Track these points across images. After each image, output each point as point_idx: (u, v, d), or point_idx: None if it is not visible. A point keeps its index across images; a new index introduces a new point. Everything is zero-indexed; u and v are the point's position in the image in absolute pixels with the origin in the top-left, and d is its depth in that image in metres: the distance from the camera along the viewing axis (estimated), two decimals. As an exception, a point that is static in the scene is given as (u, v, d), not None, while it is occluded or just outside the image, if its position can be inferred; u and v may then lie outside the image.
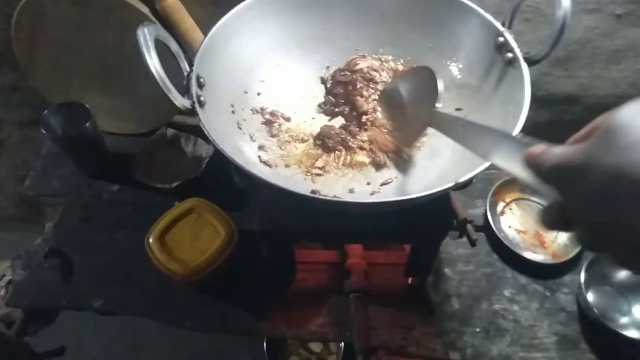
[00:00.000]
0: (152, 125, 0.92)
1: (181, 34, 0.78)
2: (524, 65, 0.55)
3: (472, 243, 0.81)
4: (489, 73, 0.61)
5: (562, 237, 0.83)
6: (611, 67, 0.80)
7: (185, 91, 0.54)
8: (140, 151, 0.88)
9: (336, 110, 0.68)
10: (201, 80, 0.56)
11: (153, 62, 0.48)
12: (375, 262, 0.76)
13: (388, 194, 0.59)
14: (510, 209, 0.87)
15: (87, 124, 0.80)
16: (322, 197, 0.46)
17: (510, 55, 0.57)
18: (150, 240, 0.73)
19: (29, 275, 0.78)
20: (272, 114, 0.66)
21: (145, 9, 0.77)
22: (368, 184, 0.61)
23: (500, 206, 0.87)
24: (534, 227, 0.85)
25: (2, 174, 1.21)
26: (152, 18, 0.77)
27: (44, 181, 0.89)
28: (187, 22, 0.78)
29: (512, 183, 0.86)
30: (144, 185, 0.84)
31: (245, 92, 0.66)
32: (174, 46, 0.55)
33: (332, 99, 0.68)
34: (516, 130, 0.50)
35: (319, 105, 0.69)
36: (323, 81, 0.71)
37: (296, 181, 0.60)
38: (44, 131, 0.78)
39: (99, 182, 0.88)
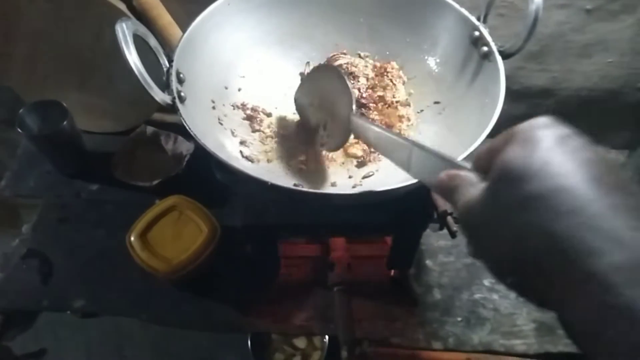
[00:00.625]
0: (131, 123, 0.91)
1: (159, 31, 0.78)
2: (498, 59, 0.57)
3: (453, 235, 0.83)
4: (465, 67, 0.63)
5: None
6: (582, 61, 0.82)
7: (165, 87, 0.54)
8: (120, 149, 0.87)
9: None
10: (181, 75, 0.56)
11: (132, 57, 0.48)
12: (358, 255, 0.77)
13: (369, 187, 0.60)
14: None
15: (64, 123, 0.78)
16: (304, 189, 0.47)
17: (485, 49, 0.59)
18: (132, 238, 0.72)
19: (7, 277, 0.76)
20: (253, 109, 0.67)
21: (122, 5, 0.76)
22: (350, 177, 0.62)
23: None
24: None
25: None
26: (129, 14, 0.76)
27: (21, 181, 0.87)
28: (164, 18, 0.78)
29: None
30: (124, 183, 0.83)
31: (226, 88, 0.66)
32: (152, 41, 0.55)
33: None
34: (492, 121, 0.52)
35: (300, 101, 0.70)
36: (302, 77, 0.71)
37: (278, 176, 0.60)
38: (19, 130, 0.77)
39: (77, 182, 0.87)
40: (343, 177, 0.62)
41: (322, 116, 0.60)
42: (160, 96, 0.50)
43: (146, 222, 0.74)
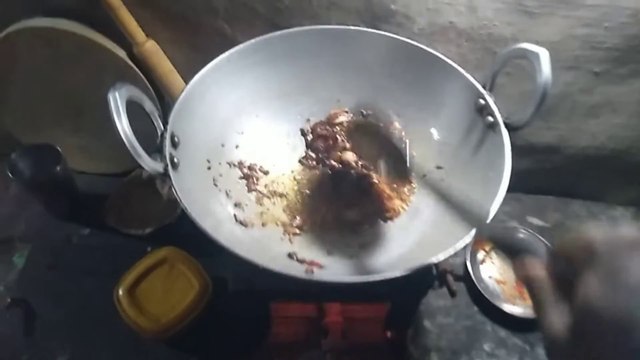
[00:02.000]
0: (127, 165, 0.89)
1: (159, 78, 0.77)
2: (504, 131, 0.55)
3: (452, 294, 0.80)
4: (469, 134, 0.61)
5: (541, 289, 0.82)
6: (589, 121, 0.80)
7: (158, 151, 0.52)
8: (113, 194, 0.85)
9: (317, 165, 0.67)
10: (176, 139, 0.54)
11: (123, 126, 0.46)
12: (354, 316, 0.74)
13: (367, 257, 0.57)
14: (491, 258, 0.86)
15: (58, 168, 0.77)
16: (299, 275, 0.44)
17: (490, 119, 0.57)
18: (120, 292, 0.69)
19: (-12, 326, 0.74)
20: (250, 167, 0.65)
21: (121, 52, 0.75)
22: (347, 245, 0.59)
23: (480, 255, 0.86)
24: (514, 278, 0.84)
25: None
26: (129, 61, 0.75)
27: (12, 223, 0.85)
28: (165, 66, 0.77)
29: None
30: (115, 230, 0.81)
31: (223, 145, 0.64)
32: (148, 105, 0.53)
33: (313, 154, 0.67)
34: (498, 200, 0.50)
35: (300, 161, 0.68)
36: (303, 133, 0.69)
37: (272, 242, 0.58)
38: (10, 176, 0.75)
39: (69, 225, 0.85)
40: (340, 244, 0.60)
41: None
42: (151, 166, 0.48)
43: (135, 275, 0.71)
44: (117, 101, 0.46)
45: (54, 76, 0.78)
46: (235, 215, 0.59)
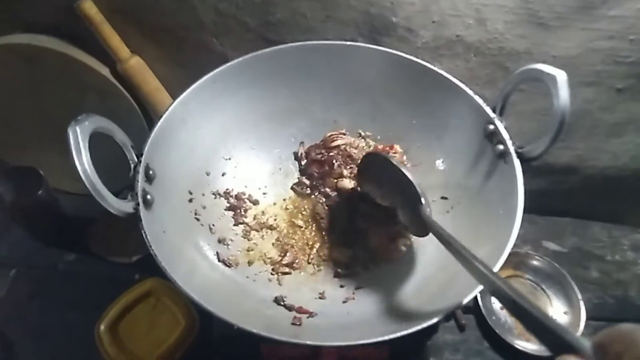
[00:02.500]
0: (115, 186, 0.84)
1: (145, 96, 0.72)
2: (516, 162, 0.49)
3: (461, 328, 0.75)
4: (477, 162, 0.55)
5: (561, 321, 0.75)
6: (611, 140, 0.74)
7: (129, 188, 0.47)
8: (98, 218, 0.80)
9: (312, 192, 0.61)
10: (151, 172, 0.49)
11: (84, 165, 0.42)
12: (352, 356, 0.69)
13: (364, 303, 0.52)
14: (502, 287, 0.80)
15: (40, 192, 0.72)
16: (271, 336, 0.39)
17: (501, 147, 0.51)
18: (101, 328, 0.65)
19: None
20: (238, 197, 0.60)
21: (105, 70, 0.70)
22: (341, 286, 0.54)
23: (491, 283, 0.80)
24: (528, 309, 0.77)
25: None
26: (112, 79, 0.70)
27: (-7, 247, 0.81)
28: (151, 83, 0.72)
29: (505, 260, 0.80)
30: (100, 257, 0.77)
31: (208, 174, 0.59)
32: (119, 136, 0.48)
33: (307, 181, 0.61)
34: (509, 245, 0.44)
35: (292, 187, 0.62)
36: (297, 158, 0.64)
37: (259, 284, 0.53)
38: (-11, 201, 0.71)
39: (53, 250, 0.80)
40: (334, 285, 0.54)
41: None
42: (117, 207, 0.43)
43: (119, 309, 0.67)
44: (77, 137, 0.41)
45: (35, 95, 0.73)
46: (218, 254, 0.54)
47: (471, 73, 0.67)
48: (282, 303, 0.49)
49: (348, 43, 0.61)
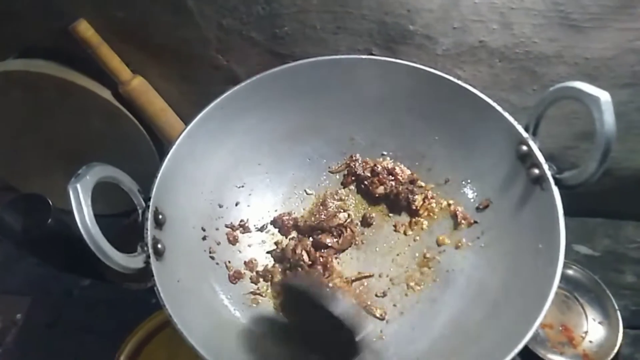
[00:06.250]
0: (122, 207, 0.82)
1: (150, 118, 0.68)
2: (555, 191, 0.45)
3: None
4: (510, 186, 0.51)
5: (596, 334, 0.72)
6: (647, 141, 0.69)
7: (138, 237, 0.44)
8: (111, 241, 0.78)
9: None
10: (160, 217, 0.46)
11: (86, 224, 0.39)
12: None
13: (393, 341, 0.49)
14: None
15: (49, 220, 0.70)
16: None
17: (536, 171, 0.47)
18: (121, 361, 0.64)
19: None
20: (255, 226, 0.56)
21: (106, 93, 0.66)
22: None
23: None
24: (560, 320, 0.74)
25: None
26: (115, 102, 0.67)
27: (8, 275, 0.80)
28: (156, 104, 0.68)
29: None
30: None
31: (220, 206, 0.56)
32: (126, 182, 0.45)
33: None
34: (554, 285, 0.40)
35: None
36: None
37: (285, 329, 0.50)
38: (-3, 234, 0.68)
39: (67, 276, 0.79)
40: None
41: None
42: (123, 264, 0.40)
43: (137, 341, 0.65)
44: (77, 195, 0.38)
45: (37, 122, 0.70)
46: (235, 294, 0.51)
47: (496, 79, 0.63)
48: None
49: (362, 57, 0.57)
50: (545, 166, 0.46)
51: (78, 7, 0.60)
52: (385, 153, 0.61)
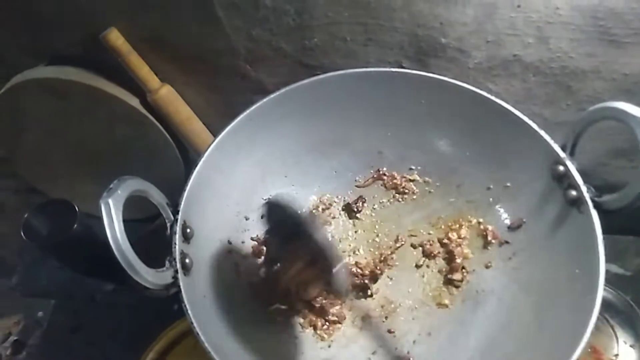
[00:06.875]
0: (150, 211, 0.82)
1: (177, 126, 0.68)
2: (594, 215, 0.43)
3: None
4: (544, 206, 0.49)
5: (627, 357, 0.69)
6: (686, 158, 0.66)
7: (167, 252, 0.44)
8: (134, 247, 0.78)
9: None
10: (188, 231, 0.46)
11: (117, 238, 0.39)
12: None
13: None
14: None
15: (75, 226, 0.70)
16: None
17: (573, 193, 0.45)
18: (144, 370, 0.64)
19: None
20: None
21: (134, 101, 0.67)
22: (395, 347, 0.50)
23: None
24: (590, 342, 0.71)
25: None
26: (143, 110, 0.67)
27: (33, 278, 0.81)
28: (183, 113, 0.68)
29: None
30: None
31: (247, 219, 0.55)
32: (156, 196, 0.45)
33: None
34: (594, 314, 0.39)
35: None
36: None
37: (303, 345, 0.49)
38: (25, 238, 0.69)
39: (91, 281, 0.79)
40: (387, 342, 0.50)
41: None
42: (152, 280, 0.40)
43: (158, 351, 0.65)
44: (109, 209, 0.38)
45: (65, 128, 0.71)
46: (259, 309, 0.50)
47: (529, 93, 0.61)
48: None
49: (392, 70, 0.56)
50: (584, 188, 0.44)
51: (109, 16, 0.61)
52: (413, 167, 0.60)
